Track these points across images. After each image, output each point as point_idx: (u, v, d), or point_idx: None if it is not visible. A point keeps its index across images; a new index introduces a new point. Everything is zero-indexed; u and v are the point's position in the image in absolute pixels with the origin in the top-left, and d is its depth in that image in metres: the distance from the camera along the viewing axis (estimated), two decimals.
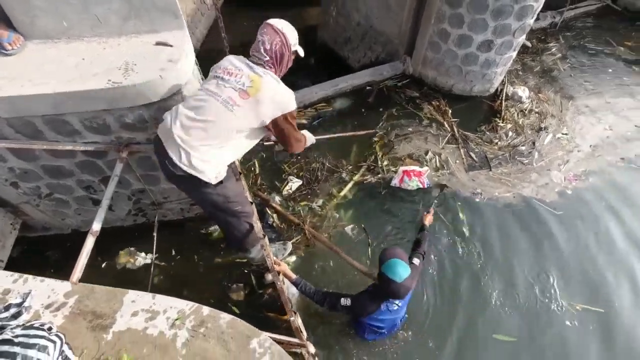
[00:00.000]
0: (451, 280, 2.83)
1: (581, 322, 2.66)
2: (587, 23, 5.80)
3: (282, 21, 1.92)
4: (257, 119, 1.83)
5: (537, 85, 4.68)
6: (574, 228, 3.18)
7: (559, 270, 2.91)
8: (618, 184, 3.53)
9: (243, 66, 1.86)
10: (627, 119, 4.31)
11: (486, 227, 3.14)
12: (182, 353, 1.18)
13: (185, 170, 1.76)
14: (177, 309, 1.28)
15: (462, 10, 3.64)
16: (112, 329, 1.22)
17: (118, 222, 3.18)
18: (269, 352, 1.21)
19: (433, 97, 4.35)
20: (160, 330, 1.23)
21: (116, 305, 1.28)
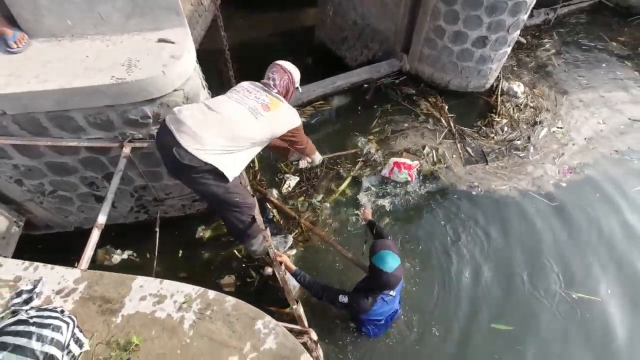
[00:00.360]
0: (449, 270, 2.88)
1: (577, 309, 2.72)
2: (581, 19, 5.88)
3: (288, 63, 2.32)
4: (272, 131, 2.08)
5: (532, 80, 4.75)
6: (568, 219, 3.24)
7: (555, 260, 2.97)
8: (611, 176, 3.60)
9: (260, 89, 2.17)
10: (620, 112, 4.39)
11: (482, 219, 3.20)
12: (189, 334, 1.23)
13: (196, 155, 1.81)
14: (184, 292, 1.32)
15: (457, 7, 3.70)
16: (121, 312, 1.27)
17: (120, 219, 3.22)
18: (273, 332, 1.25)
19: (430, 93, 4.41)
20: (167, 313, 1.27)
21: (124, 290, 1.33)
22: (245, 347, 1.21)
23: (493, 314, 2.68)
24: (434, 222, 3.18)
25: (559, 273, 2.89)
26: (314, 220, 3.18)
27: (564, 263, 2.96)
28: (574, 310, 2.72)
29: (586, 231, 3.17)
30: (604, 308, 2.73)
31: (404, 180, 3.45)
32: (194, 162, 1.82)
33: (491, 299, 2.76)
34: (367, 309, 2.25)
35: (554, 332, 2.62)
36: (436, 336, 2.58)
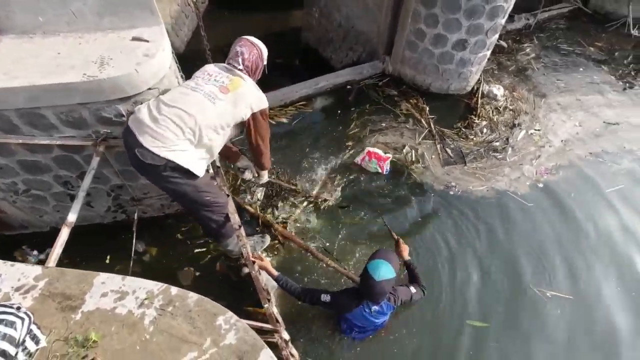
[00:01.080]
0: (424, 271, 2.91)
1: (552, 308, 2.77)
2: (560, 25, 6.02)
3: (255, 38, 2.21)
4: (236, 114, 1.99)
5: (512, 83, 4.84)
6: (544, 218, 3.30)
7: (530, 259, 3.03)
8: (586, 177, 3.69)
9: (221, 70, 2.09)
10: (595, 115, 4.50)
11: (459, 218, 3.25)
12: (149, 330, 1.22)
13: (158, 153, 1.80)
14: (146, 289, 1.32)
15: (436, 10, 3.77)
16: (81, 309, 1.26)
17: (97, 219, 3.19)
18: (234, 328, 1.26)
19: (411, 95, 4.47)
20: (128, 310, 1.27)
21: (86, 287, 1.32)
22: (205, 343, 1.21)
23: (469, 311, 2.72)
24: (407, 220, 3.23)
25: (534, 271, 2.95)
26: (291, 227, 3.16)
27: (539, 262, 3.02)
28: (549, 308, 2.77)
29: (561, 230, 3.23)
30: (578, 306, 2.79)
31: (374, 170, 3.52)
32: (157, 161, 1.81)
33: (467, 297, 2.80)
34: (346, 308, 2.27)
35: (528, 329, 2.67)
36: (411, 335, 2.60)
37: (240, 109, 2.01)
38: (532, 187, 3.57)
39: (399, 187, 3.51)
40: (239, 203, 3.24)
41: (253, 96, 2.06)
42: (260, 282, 2.03)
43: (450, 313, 2.71)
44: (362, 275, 2.18)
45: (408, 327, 2.62)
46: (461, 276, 2.90)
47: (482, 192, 3.49)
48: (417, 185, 3.54)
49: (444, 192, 3.46)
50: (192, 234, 3.14)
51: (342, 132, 4.01)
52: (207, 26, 3.26)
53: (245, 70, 2.11)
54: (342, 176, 3.57)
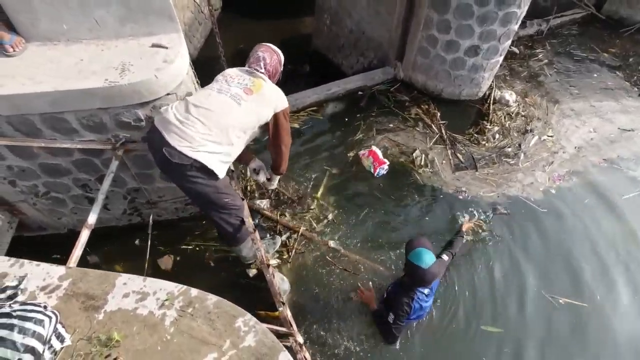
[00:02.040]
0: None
1: (565, 315, 2.74)
2: (573, 30, 5.98)
3: (274, 45, 2.34)
4: (260, 114, 2.07)
5: (524, 89, 4.81)
6: (557, 225, 3.27)
7: (543, 265, 3.00)
8: (600, 184, 3.64)
9: (243, 73, 2.17)
10: (610, 121, 4.44)
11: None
12: (170, 331, 1.25)
13: (185, 153, 1.85)
14: (167, 290, 1.35)
15: (449, 16, 3.78)
16: (104, 309, 1.29)
17: (113, 221, 3.25)
18: (253, 330, 1.27)
19: (423, 100, 4.47)
20: (149, 310, 1.29)
21: (108, 287, 1.35)
22: (224, 344, 1.23)
23: (482, 316, 2.71)
24: (412, 223, 3.26)
25: (548, 278, 2.92)
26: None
27: (551, 268, 2.98)
28: (562, 315, 2.74)
29: (575, 237, 3.19)
30: (591, 314, 2.75)
31: (368, 168, 3.58)
32: (184, 160, 1.86)
33: (479, 302, 2.79)
34: (409, 311, 2.31)
35: (540, 336, 2.64)
36: (421, 340, 2.58)
37: (264, 110, 2.08)
38: (546, 192, 3.53)
39: (405, 190, 3.52)
40: (251, 206, 3.27)
41: (276, 97, 2.13)
42: (275, 286, 2.05)
43: (462, 319, 2.69)
44: (408, 269, 2.25)
45: (418, 333, 2.60)
46: (472, 281, 2.89)
47: (493, 197, 3.47)
48: (426, 189, 3.53)
49: (453, 197, 3.45)
50: (205, 237, 3.17)
51: (349, 137, 4.03)
52: (220, 33, 3.33)
53: (266, 74, 2.20)
54: (344, 182, 3.59)
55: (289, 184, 3.50)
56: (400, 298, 2.31)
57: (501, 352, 2.55)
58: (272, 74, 2.25)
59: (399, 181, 3.59)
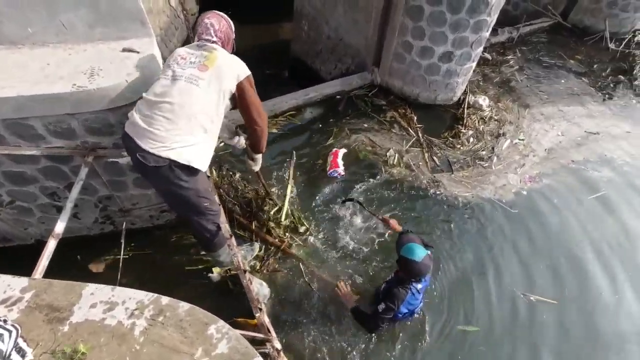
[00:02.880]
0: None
1: (536, 312, 2.83)
2: (541, 38, 6.23)
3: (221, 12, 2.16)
4: (223, 88, 1.92)
5: (497, 94, 4.97)
6: (528, 224, 3.39)
7: (514, 264, 3.09)
8: (569, 185, 3.79)
9: (193, 49, 2.01)
10: (577, 125, 4.64)
11: (443, 223, 3.33)
12: (139, 341, 1.21)
13: (159, 154, 1.79)
14: (136, 299, 1.31)
15: (422, 23, 3.88)
16: (69, 320, 1.24)
17: (84, 230, 3.14)
18: (226, 336, 1.25)
19: (400, 105, 4.55)
20: (118, 320, 1.25)
21: (74, 298, 1.30)
22: (196, 353, 1.20)
23: (459, 317, 2.76)
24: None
25: (519, 276, 3.01)
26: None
27: (523, 267, 3.08)
28: (534, 312, 2.82)
29: (544, 236, 3.31)
30: (561, 310, 2.85)
31: (328, 163, 3.63)
32: (160, 162, 1.81)
33: (454, 301, 2.84)
34: (403, 298, 2.34)
35: (513, 333, 2.71)
36: (402, 341, 2.61)
37: (225, 82, 1.92)
38: (517, 194, 3.65)
39: (380, 191, 3.56)
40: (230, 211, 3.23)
41: (234, 65, 1.98)
42: (252, 291, 2.02)
43: (439, 319, 2.73)
44: (402, 264, 2.32)
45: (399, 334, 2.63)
46: (448, 280, 2.94)
47: (467, 198, 3.56)
48: (400, 189, 3.60)
49: (428, 197, 3.52)
50: (182, 244, 3.10)
51: (322, 142, 4.05)
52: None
53: (219, 42, 2.05)
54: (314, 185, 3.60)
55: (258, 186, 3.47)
56: (394, 289, 2.37)
57: (476, 350, 2.60)
58: (225, 42, 2.08)
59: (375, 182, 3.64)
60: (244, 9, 7.05)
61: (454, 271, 3.00)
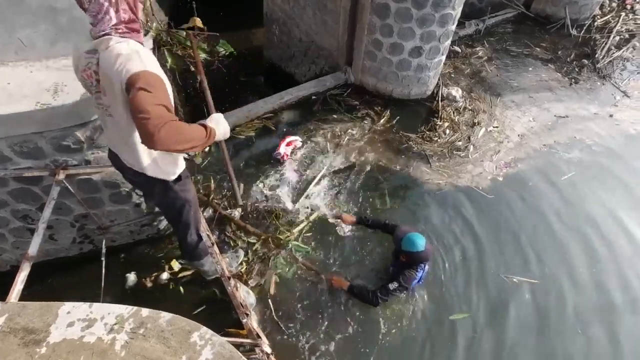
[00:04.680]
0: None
1: (518, 292, 2.91)
2: (507, 29, 6.41)
3: None
4: (124, 102, 1.44)
5: (469, 85, 5.08)
6: (504, 208, 3.49)
7: (494, 247, 3.17)
8: (542, 168, 3.92)
9: (82, 56, 1.53)
10: (547, 110, 4.79)
11: (424, 211, 3.41)
12: (121, 355, 1.19)
13: (130, 163, 1.72)
14: (115, 314, 1.28)
15: (390, 20, 3.94)
16: (46, 342, 1.20)
17: (62, 252, 3.05)
18: (209, 343, 1.24)
19: (375, 102, 4.60)
20: (97, 337, 1.23)
21: (50, 318, 1.26)
22: None
23: (446, 304, 2.81)
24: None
25: (500, 259, 3.08)
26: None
27: (502, 249, 3.17)
28: (516, 292, 2.90)
29: (521, 218, 3.41)
30: (542, 289, 2.93)
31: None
32: (136, 168, 1.72)
33: (441, 289, 2.89)
34: (415, 277, 2.59)
35: (497, 314, 2.79)
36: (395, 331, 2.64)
37: (116, 92, 1.42)
38: (493, 180, 3.75)
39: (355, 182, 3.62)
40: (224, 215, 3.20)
41: (114, 68, 1.36)
42: (237, 298, 2.01)
43: (429, 309, 2.77)
44: (407, 256, 2.53)
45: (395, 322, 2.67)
46: (430, 267, 2.98)
47: (444, 188, 3.64)
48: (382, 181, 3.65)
49: (407, 188, 3.60)
50: (166, 258, 3.05)
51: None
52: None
53: (115, 29, 1.40)
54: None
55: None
56: (405, 271, 2.57)
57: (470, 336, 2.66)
58: (127, 21, 1.42)
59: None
60: (213, 16, 7.04)
61: (436, 258, 3.04)
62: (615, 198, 3.70)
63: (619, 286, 3.01)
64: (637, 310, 2.88)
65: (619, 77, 5.49)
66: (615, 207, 3.60)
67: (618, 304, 2.90)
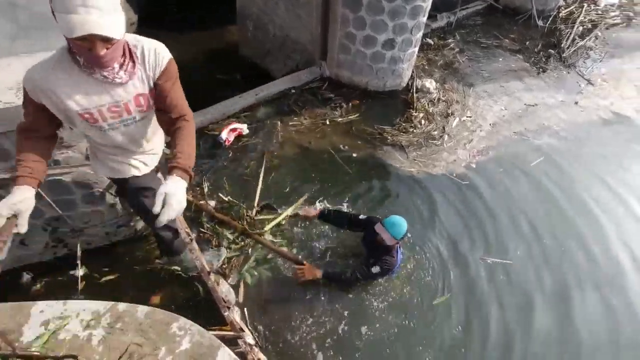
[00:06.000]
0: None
1: (493, 273, 3.03)
2: (477, 21, 6.59)
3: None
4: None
5: (442, 76, 5.20)
6: (478, 193, 3.61)
7: (468, 231, 3.29)
8: (512, 154, 4.07)
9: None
10: (518, 99, 4.96)
11: (401, 198, 3.50)
12: (98, 350, 1.18)
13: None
14: (91, 310, 1.27)
15: (362, 13, 3.98)
16: (19, 340, 1.18)
17: (35, 257, 2.95)
18: (189, 332, 1.25)
19: (351, 95, 4.64)
20: (73, 334, 1.21)
21: (22, 319, 1.24)
22: (160, 353, 1.19)
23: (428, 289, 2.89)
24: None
25: (474, 242, 3.20)
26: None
27: (477, 233, 3.28)
28: (490, 273, 3.02)
29: (494, 202, 3.53)
30: (515, 270, 3.06)
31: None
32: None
33: (421, 272, 2.97)
34: (395, 263, 2.68)
35: (475, 296, 2.89)
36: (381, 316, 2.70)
37: None
38: (467, 167, 3.87)
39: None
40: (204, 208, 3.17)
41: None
42: (217, 292, 2.01)
43: (412, 294, 2.84)
44: (394, 244, 2.59)
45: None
46: (410, 253, 3.08)
47: (420, 175, 3.73)
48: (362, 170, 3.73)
49: (382, 178, 3.67)
50: (147, 259, 3.00)
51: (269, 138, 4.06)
52: None
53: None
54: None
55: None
56: (385, 257, 2.63)
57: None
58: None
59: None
60: (186, 14, 6.91)
61: (413, 244, 3.12)
62: (581, 179, 3.89)
63: (586, 260, 3.20)
64: (600, 285, 3.05)
65: (583, 65, 5.73)
66: (581, 188, 3.79)
67: (585, 280, 3.06)
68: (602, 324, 2.81)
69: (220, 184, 3.47)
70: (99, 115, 1.51)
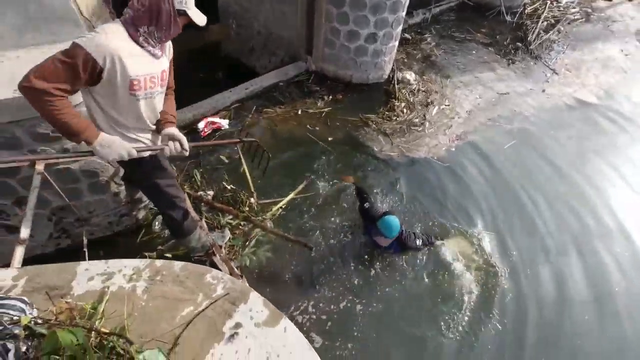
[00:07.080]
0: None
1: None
2: (451, 17, 6.95)
3: None
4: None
5: (421, 69, 5.50)
6: (458, 174, 3.92)
7: (451, 207, 3.57)
8: (487, 138, 4.42)
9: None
10: (491, 88, 5.32)
11: (386, 179, 3.75)
12: (144, 298, 1.33)
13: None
14: (132, 266, 1.41)
15: (345, 9, 4.21)
16: (71, 293, 1.31)
17: (38, 249, 3.00)
18: (222, 281, 1.41)
19: (336, 88, 4.86)
20: (119, 286, 1.35)
21: (69, 276, 1.36)
22: (198, 298, 1.35)
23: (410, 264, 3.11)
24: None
25: (458, 216, 3.48)
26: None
27: (459, 208, 3.58)
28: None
29: (472, 182, 3.85)
30: (498, 241, 3.35)
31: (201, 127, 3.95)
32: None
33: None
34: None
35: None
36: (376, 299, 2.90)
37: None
38: (447, 151, 4.18)
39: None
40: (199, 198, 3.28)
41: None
42: (230, 263, 2.16)
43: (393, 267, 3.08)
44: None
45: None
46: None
47: (404, 159, 4.01)
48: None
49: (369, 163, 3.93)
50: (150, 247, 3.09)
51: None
52: None
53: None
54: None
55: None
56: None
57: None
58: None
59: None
60: None
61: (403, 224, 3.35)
62: (549, 159, 4.27)
63: (556, 229, 3.54)
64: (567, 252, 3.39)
65: (548, 57, 6.17)
66: (549, 166, 4.17)
67: (550, 246, 3.39)
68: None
69: (214, 176, 3.59)
70: (143, 84, 1.78)
